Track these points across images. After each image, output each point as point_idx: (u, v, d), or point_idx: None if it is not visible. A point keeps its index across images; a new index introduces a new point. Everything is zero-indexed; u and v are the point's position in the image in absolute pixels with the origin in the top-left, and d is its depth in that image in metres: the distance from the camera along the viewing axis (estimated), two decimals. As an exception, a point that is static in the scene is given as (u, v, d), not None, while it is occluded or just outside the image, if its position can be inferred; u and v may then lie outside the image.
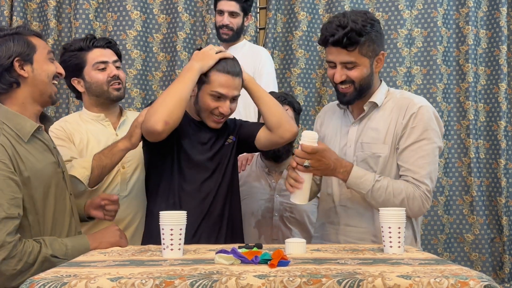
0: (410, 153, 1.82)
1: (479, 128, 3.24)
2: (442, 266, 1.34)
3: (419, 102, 1.86)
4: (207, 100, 1.91)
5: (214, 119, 1.94)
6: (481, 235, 3.14)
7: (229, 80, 1.90)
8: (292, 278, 1.20)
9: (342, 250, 1.63)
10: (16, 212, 1.53)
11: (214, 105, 1.92)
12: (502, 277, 3.13)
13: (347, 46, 1.78)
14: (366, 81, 1.85)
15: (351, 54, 1.80)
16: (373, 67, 1.86)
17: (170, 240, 1.51)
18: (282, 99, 2.42)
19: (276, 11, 3.23)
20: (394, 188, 1.79)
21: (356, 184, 1.80)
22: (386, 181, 1.80)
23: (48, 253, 1.57)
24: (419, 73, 3.24)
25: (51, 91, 1.72)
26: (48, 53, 1.72)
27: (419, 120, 1.83)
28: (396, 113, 1.87)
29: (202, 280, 1.19)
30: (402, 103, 1.88)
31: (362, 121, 1.93)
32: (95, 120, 2.19)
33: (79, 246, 1.66)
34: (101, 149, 2.04)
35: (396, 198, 1.78)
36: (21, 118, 1.65)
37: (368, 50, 1.82)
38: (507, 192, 3.14)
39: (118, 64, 2.20)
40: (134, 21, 3.19)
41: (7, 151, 1.56)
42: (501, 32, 3.18)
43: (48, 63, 1.71)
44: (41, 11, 3.26)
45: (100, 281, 1.19)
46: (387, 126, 1.87)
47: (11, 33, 1.68)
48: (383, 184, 1.79)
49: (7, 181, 1.53)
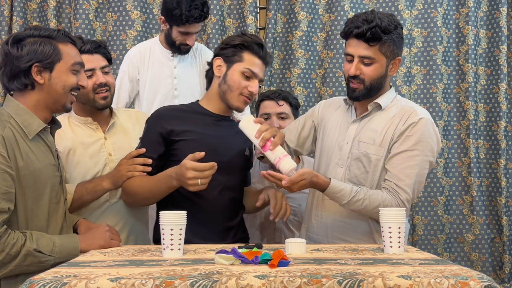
0: (400, 160, 1.84)
1: (479, 128, 3.24)
2: (442, 266, 1.34)
3: (422, 114, 1.88)
4: (238, 78, 1.97)
5: (243, 99, 1.98)
6: (481, 235, 3.14)
7: (260, 63, 2.00)
8: (292, 279, 1.20)
9: (342, 250, 1.63)
10: (6, 206, 1.55)
11: (245, 83, 1.96)
12: (502, 277, 3.13)
13: (369, 40, 1.81)
14: (378, 81, 1.87)
15: (371, 49, 1.83)
16: (388, 69, 1.88)
17: (170, 240, 1.51)
18: (276, 95, 2.42)
19: (276, 11, 3.23)
20: (370, 201, 1.81)
21: (333, 198, 1.84)
22: (363, 194, 1.81)
23: (32, 247, 1.57)
24: (419, 73, 3.24)
25: (65, 101, 1.71)
26: (73, 64, 1.69)
27: (416, 130, 1.84)
28: (398, 119, 1.89)
29: (202, 280, 1.18)
30: (405, 110, 1.90)
31: (363, 120, 1.94)
32: (83, 124, 2.12)
33: (68, 245, 1.66)
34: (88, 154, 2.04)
35: (373, 210, 1.80)
36: (30, 115, 1.66)
37: (388, 50, 1.85)
38: (507, 192, 3.14)
39: (107, 70, 2.10)
40: (134, 21, 3.19)
41: (6, 145, 1.57)
42: (501, 32, 3.18)
43: (69, 75, 1.69)
44: (41, 11, 3.26)
45: (100, 281, 1.18)
46: (385, 130, 1.88)
47: (43, 35, 1.66)
48: (359, 197, 1.81)
49: (3, 175, 1.55)
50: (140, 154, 1.97)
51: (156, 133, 1.96)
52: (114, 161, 2.08)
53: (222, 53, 2.02)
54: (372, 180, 1.89)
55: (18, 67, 1.62)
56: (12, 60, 1.63)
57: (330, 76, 3.20)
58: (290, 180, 1.75)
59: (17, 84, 1.65)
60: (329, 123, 2.05)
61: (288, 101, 2.45)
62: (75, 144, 2.06)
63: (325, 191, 1.82)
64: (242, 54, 1.98)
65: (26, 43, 1.64)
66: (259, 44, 2.00)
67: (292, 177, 1.76)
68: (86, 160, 2.07)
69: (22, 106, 1.66)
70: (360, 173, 1.90)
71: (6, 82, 1.67)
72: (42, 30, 1.67)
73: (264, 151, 1.84)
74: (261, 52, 1.99)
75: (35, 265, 1.58)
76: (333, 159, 1.97)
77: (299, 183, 1.77)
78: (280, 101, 2.40)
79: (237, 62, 1.98)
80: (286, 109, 2.42)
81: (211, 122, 2.02)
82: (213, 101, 2.04)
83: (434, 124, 1.90)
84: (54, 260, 1.60)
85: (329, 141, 2.00)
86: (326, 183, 1.81)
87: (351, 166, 1.91)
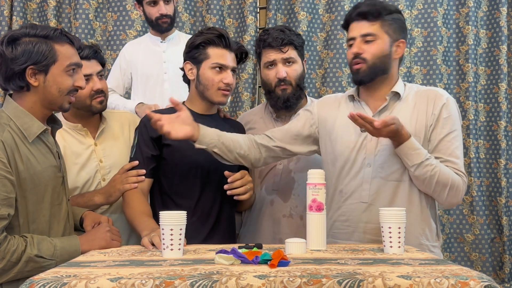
0: (447, 143, 1.83)
1: (479, 128, 3.24)
2: (442, 266, 1.34)
3: (445, 94, 1.90)
4: (210, 75, 2.01)
5: (222, 92, 2.02)
6: (481, 235, 3.14)
7: (227, 53, 2.03)
8: (292, 279, 1.20)
9: (342, 250, 1.63)
10: (6, 213, 1.53)
11: (218, 77, 2.00)
12: (502, 277, 3.13)
13: (371, 16, 1.83)
14: (381, 60, 1.85)
15: (372, 26, 1.84)
16: (392, 50, 1.87)
17: (170, 240, 1.51)
18: (279, 42, 2.18)
19: (276, 11, 3.23)
20: (441, 171, 1.78)
21: (407, 154, 1.77)
22: (435, 162, 1.78)
23: (33, 253, 1.55)
24: (419, 73, 3.24)
25: (61, 102, 1.67)
26: (69, 65, 1.65)
27: (449, 110, 1.85)
28: (424, 105, 1.86)
29: (202, 280, 1.18)
30: (428, 94, 1.88)
31: (383, 113, 1.88)
32: (73, 130, 2.10)
33: (69, 247, 1.64)
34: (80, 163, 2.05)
35: (439, 181, 1.77)
36: (29, 117, 1.63)
37: (390, 28, 1.86)
38: (507, 192, 3.14)
39: (102, 73, 2.11)
40: (134, 21, 3.19)
41: (6, 149, 1.55)
42: (501, 32, 3.18)
43: (65, 77, 1.65)
44: (41, 11, 3.26)
45: (100, 281, 1.18)
46: (415, 118, 1.85)
47: (40, 34, 1.61)
48: (433, 162, 1.77)
49: (3, 181, 1.53)
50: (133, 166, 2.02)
51: (147, 138, 2.02)
52: (105, 167, 2.09)
53: (189, 57, 2.08)
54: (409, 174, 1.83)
55: (12, 69, 1.59)
56: (7, 62, 1.59)
57: (330, 76, 3.20)
58: (383, 122, 1.68)
59: (12, 85, 1.62)
60: (337, 123, 1.96)
61: (293, 45, 2.22)
62: (66, 153, 2.03)
63: (402, 144, 1.76)
64: (207, 51, 2.02)
65: (21, 42, 1.59)
66: (219, 35, 2.03)
67: (386, 119, 1.69)
68: (77, 168, 2.06)
69: (20, 108, 1.63)
70: (396, 168, 1.83)
71: (2, 83, 1.64)
72: (38, 29, 1.62)
73: None
74: (223, 43, 2.02)
75: (36, 270, 1.55)
76: (356, 160, 1.89)
77: (390, 126, 1.70)
78: (283, 48, 2.21)
79: (205, 60, 2.02)
80: (292, 54, 2.22)
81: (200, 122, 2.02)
82: (195, 102, 2.10)
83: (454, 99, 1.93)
84: (55, 263, 1.59)
85: (345, 143, 1.91)
86: (407, 135, 1.76)
87: (384, 163, 1.84)
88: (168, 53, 2.79)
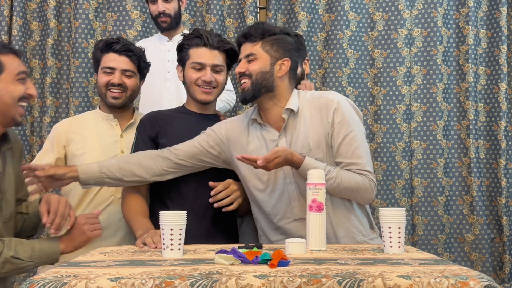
0: (346, 146, 1.87)
1: (479, 128, 3.24)
2: (442, 266, 1.34)
3: (335, 97, 1.92)
4: (190, 74, 2.08)
5: (201, 89, 2.08)
6: (481, 235, 3.14)
7: (206, 51, 2.07)
8: (292, 278, 1.20)
9: (342, 250, 1.63)
10: None
11: (197, 75, 2.07)
12: (502, 277, 3.13)
13: (251, 37, 1.91)
14: (263, 77, 1.90)
15: (254, 46, 1.92)
16: (274, 68, 1.91)
17: (170, 240, 1.51)
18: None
19: (276, 11, 3.23)
20: (343, 180, 1.83)
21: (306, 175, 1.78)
22: (335, 172, 1.83)
23: (9, 255, 1.55)
24: (419, 73, 3.24)
25: (14, 113, 1.66)
26: (18, 73, 1.65)
27: (341, 113, 1.88)
28: (318, 114, 1.90)
29: (202, 280, 1.18)
30: (319, 103, 1.92)
31: (287, 132, 1.91)
32: (104, 119, 2.27)
33: (48, 249, 1.64)
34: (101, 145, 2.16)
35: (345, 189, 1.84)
36: None
37: (272, 49, 1.91)
38: (507, 192, 3.14)
39: (129, 74, 2.21)
40: (134, 21, 3.19)
41: None
42: (501, 32, 3.18)
43: (16, 84, 1.65)
44: (41, 11, 3.26)
45: (100, 281, 1.18)
46: (313, 131, 1.89)
47: None
48: (332, 175, 1.82)
49: None
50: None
51: (145, 137, 2.08)
52: None
53: (177, 60, 2.16)
54: None
55: None
56: None
57: (330, 76, 3.20)
58: (265, 159, 1.75)
59: None
60: (250, 148, 1.95)
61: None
62: (92, 134, 2.19)
63: (299, 168, 1.82)
64: (188, 52, 2.09)
65: None
66: (197, 36, 2.08)
67: (267, 156, 1.76)
68: (96, 149, 2.16)
69: None
70: None
71: None
72: None
73: None
74: (201, 41, 2.07)
75: (14, 271, 1.57)
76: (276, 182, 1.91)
77: (274, 160, 1.77)
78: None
79: (187, 61, 2.10)
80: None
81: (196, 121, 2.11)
82: (189, 103, 2.18)
83: (346, 98, 1.96)
84: (34, 265, 1.59)
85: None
86: (300, 160, 1.82)
87: (300, 179, 1.87)
88: (173, 52, 2.79)
